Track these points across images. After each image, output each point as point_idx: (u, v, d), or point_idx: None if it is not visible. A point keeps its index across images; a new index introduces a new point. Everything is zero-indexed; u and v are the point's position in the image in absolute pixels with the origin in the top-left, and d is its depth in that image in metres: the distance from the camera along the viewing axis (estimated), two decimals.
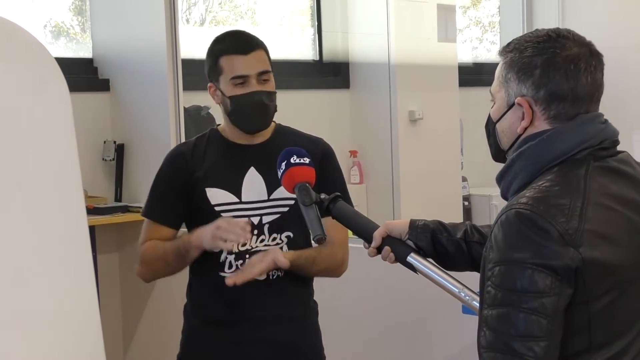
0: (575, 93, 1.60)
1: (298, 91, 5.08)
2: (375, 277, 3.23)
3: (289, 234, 2.42)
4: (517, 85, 1.63)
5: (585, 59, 1.61)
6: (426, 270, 1.88)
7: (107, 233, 4.06)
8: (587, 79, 1.60)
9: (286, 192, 2.37)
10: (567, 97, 1.60)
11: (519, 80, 1.62)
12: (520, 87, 1.62)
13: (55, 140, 1.97)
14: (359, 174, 5.14)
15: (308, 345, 2.50)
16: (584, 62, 1.61)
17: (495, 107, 1.70)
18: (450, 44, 5.33)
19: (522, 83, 1.62)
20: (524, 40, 1.64)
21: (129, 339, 4.27)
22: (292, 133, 2.54)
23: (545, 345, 1.49)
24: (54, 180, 1.95)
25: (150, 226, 2.47)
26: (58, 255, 1.93)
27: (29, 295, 1.85)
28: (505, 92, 1.65)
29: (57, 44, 4.45)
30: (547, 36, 1.63)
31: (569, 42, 1.62)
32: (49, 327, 1.87)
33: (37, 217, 1.89)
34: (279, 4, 5.25)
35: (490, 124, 1.73)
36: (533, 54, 1.61)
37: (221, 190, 2.40)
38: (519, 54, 1.63)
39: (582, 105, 1.61)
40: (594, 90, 1.62)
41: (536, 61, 1.61)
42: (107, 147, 4.21)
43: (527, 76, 1.61)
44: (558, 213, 1.52)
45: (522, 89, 1.62)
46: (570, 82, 1.60)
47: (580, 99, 1.61)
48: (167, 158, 2.51)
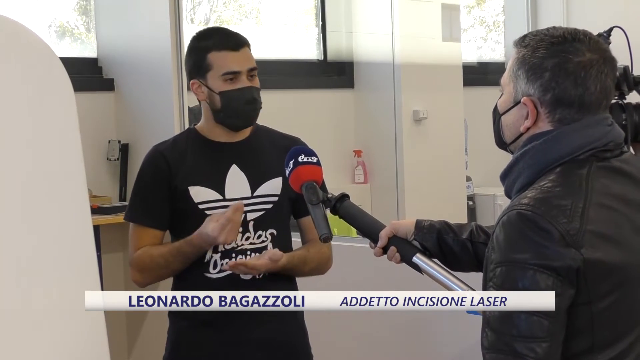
0: (583, 100, 1.59)
1: (302, 91, 5.08)
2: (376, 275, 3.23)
3: (273, 231, 2.42)
4: (525, 83, 1.62)
5: (598, 66, 1.59)
6: (431, 271, 1.88)
7: (111, 232, 4.07)
8: (596, 86, 1.59)
9: (270, 189, 2.40)
10: (573, 104, 1.59)
11: (528, 80, 1.62)
12: (528, 86, 1.62)
13: (59, 140, 1.97)
14: (363, 174, 5.14)
15: (296, 344, 2.49)
16: (596, 70, 1.59)
17: (503, 99, 1.70)
18: (455, 44, 5.32)
19: (531, 83, 1.61)
20: (539, 38, 1.62)
21: (134, 338, 4.27)
22: (271, 132, 2.54)
23: (547, 346, 1.49)
24: (58, 180, 1.95)
25: (138, 231, 2.44)
26: (62, 255, 1.93)
27: (34, 294, 1.85)
28: (514, 87, 1.65)
29: (61, 43, 4.45)
30: (562, 37, 1.61)
31: (583, 47, 1.59)
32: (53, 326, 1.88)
33: (41, 216, 1.90)
34: (283, 4, 5.25)
35: (496, 113, 1.73)
36: (545, 55, 1.60)
37: (204, 188, 2.39)
38: (531, 52, 1.61)
39: (589, 112, 1.60)
40: (602, 98, 1.61)
41: (547, 64, 1.59)
42: (112, 147, 4.21)
43: (536, 77, 1.60)
44: (560, 214, 1.52)
45: (530, 88, 1.62)
46: (578, 89, 1.58)
47: (587, 107, 1.60)
48: (146, 159, 2.48)
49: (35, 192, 1.89)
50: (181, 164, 2.42)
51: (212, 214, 2.36)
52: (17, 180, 1.86)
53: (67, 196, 1.97)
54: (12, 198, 1.84)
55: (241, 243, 2.39)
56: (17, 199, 1.85)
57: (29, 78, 1.91)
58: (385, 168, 5.07)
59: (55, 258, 1.91)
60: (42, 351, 1.86)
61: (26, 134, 1.90)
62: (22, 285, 1.83)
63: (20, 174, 1.87)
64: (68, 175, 1.98)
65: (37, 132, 1.92)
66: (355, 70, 5.21)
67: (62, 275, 1.91)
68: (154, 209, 2.43)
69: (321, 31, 5.18)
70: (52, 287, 1.88)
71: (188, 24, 4.61)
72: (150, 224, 2.43)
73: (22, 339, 1.82)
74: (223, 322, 2.38)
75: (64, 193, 1.96)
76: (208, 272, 2.38)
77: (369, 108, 5.17)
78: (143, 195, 2.45)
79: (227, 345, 2.39)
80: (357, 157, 5.16)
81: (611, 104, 1.73)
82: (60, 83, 1.97)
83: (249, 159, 2.43)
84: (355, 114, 5.22)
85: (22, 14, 4.15)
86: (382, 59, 5.02)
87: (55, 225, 1.92)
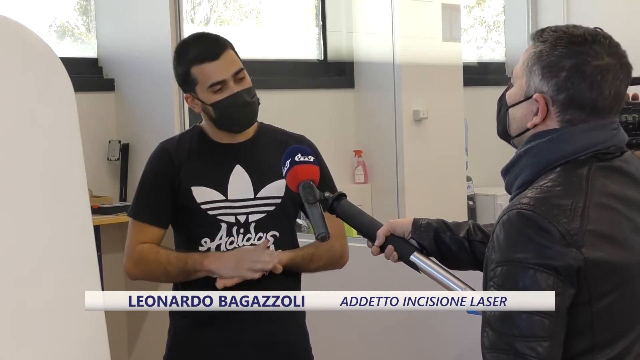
0: (595, 105, 1.58)
1: (303, 91, 5.08)
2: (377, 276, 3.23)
3: (275, 234, 2.41)
4: (539, 80, 1.60)
5: (614, 72, 1.58)
6: (429, 270, 1.88)
7: (112, 233, 4.07)
8: (610, 92, 1.57)
9: (273, 191, 2.38)
10: (585, 107, 1.58)
11: (543, 76, 1.59)
12: (542, 83, 1.60)
13: (60, 140, 1.97)
14: (363, 174, 5.14)
15: (296, 344, 2.49)
16: (612, 75, 1.57)
17: (513, 90, 1.67)
18: (455, 44, 5.32)
19: (545, 80, 1.59)
20: (559, 35, 1.60)
21: (134, 338, 4.27)
22: (275, 131, 2.52)
23: (548, 346, 1.49)
24: (59, 180, 1.95)
25: (139, 227, 2.44)
26: (63, 255, 1.93)
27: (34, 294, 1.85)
28: (526, 82, 1.63)
29: (62, 43, 4.45)
30: (582, 37, 1.58)
31: (603, 51, 1.57)
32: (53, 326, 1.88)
33: (42, 216, 1.90)
34: (283, 4, 5.25)
35: (503, 103, 1.71)
36: (563, 54, 1.58)
37: (207, 188, 2.38)
38: (549, 48, 1.59)
39: (600, 117, 1.59)
40: (614, 103, 1.60)
41: (564, 63, 1.57)
42: (112, 147, 4.21)
43: (552, 75, 1.58)
44: (560, 214, 1.52)
45: (544, 86, 1.59)
46: (593, 93, 1.57)
47: (599, 111, 1.59)
48: (152, 156, 2.47)
49: (35, 192, 1.89)
50: (185, 162, 2.41)
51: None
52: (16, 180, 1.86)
53: (67, 196, 1.97)
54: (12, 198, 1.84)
55: (242, 244, 2.38)
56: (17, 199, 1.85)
57: (29, 78, 1.91)
58: (385, 168, 5.07)
59: (55, 258, 1.91)
60: (42, 351, 1.86)
61: (26, 134, 1.90)
62: (22, 285, 1.83)
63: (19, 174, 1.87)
64: (68, 175, 1.98)
65: (37, 132, 1.92)
66: (356, 70, 5.21)
67: (62, 275, 1.91)
68: (157, 208, 2.43)
69: (321, 31, 5.18)
70: (52, 287, 1.88)
71: (188, 24, 4.60)
72: (151, 221, 2.43)
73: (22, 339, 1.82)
74: (223, 323, 2.37)
75: (64, 193, 1.96)
76: None
77: (369, 108, 5.17)
78: (146, 193, 2.45)
79: (228, 346, 2.39)
80: (357, 157, 5.16)
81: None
82: (61, 83, 1.97)
83: (253, 160, 2.42)
84: (356, 114, 5.22)
85: (22, 14, 4.15)
86: (382, 59, 5.02)
87: (56, 226, 1.92)
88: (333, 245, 2.46)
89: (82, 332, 1.94)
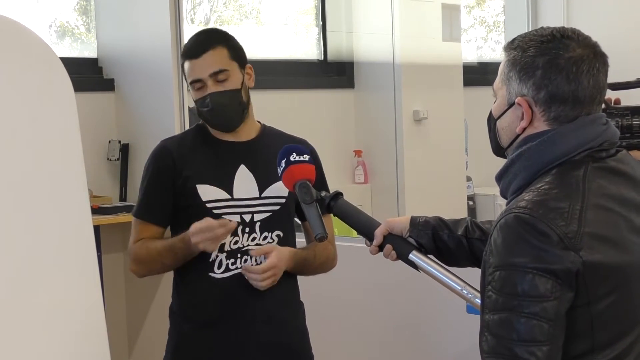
0: (576, 95, 1.59)
1: (303, 91, 5.08)
2: (377, 275, 3.23)
3: (279, 233, 2.41)
4: (518, 84, 1.62)
5: (589, 61, 1.59)
6: (428, 268, 1.88)
7: (112, 233, 4.07)
8: (589, 81, 1.59)
9: (278, 191, 2.37)
10: (567, 100, 1.59)
11: (520, 80, 1.61)
12: (521, 86, 1.61)
13: (60, 140, 1.97)
14: (363, 174, 5.14)
15: (297, 345, 2.49)
16: (587, 64, 1.59)
17: (497, 104, 1.70)
18: (455, 44, 5.33)
19: (523, 83, 1.61)
20: (528, 38, 1.63)
21: (134, 338, 4.28)
22: (278, 134, 2.51)
23: (548, 350, 1.49)
24: (58, 180, 1.95)
25: (140, 225, 2.44)
26: (63, 255, 1.93)
27: (34, 294, 1.85)
28: (507, 90, 1.65)
29: (62, 43, 4.46)
30: (551, 36, 1.61)
31: (573, 43, 1.60)
32: (54, 326, 1.88)
33: (41, 216, 1.90)
34: (283, 4, 5.25)
35: (491, 120, 1.72)
36: (535, 54, 1.60)
37: (212, 186, 2.38)
38: (521, 52, 1.62)
39: (583, 108, 1.60)
40: (595, 92, 1.61)
41: (538, 62, 1.59)
42: (112, 147, 4.21)
43: (529, 76, 1.60)
44: (557, 217, 1.51)
45: (523, 88, 1.61)
46: (571, 84, 1.58)
47: (581, 102, 1.60)
48: (152, 155, 2.46)
49: (35, 192, 1.89)
50: (188, 160, 2.41)
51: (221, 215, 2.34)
52: (16, 180, 1.86)
53: (67, 196, 1.97)
54: (13, 198, 1.84)
55: (247, 243, 2.38)
56: (18, 199, 1.85)
57: (29, 78, 1.91)
58: (385, 168, 5.08)
59: (55, 258, 1.91)
60: (43, 351, 1.86)
61: (26, 134, 1.90)
62: (22, 285, 1.83)
63: (20, 174, 1.87)
64: (68, 175, 1.98)
65: (38, 132, 1.92)
66: (356, 70, 5.21)
67: (62, 275, 1.92)
68: (158, 206, 2.42)
69: (321, 31, 5.19)
70: (52, 287, 1.89)
71: (188, 24, 4.61)
72: (151, 219, 2.43)
73: (23, 338, 1.82)
74: (224, 324, 2.37)
75: (64, 193, 1.96)
76: (212, 272, 2.37)
77: (369, 108, 5.17)
78: (146, 191, 2.45)
79: (228, 347, 2.38)
80: (357, 157, 5.16)
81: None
82: (61, 83, 1.97)
83: (258, 160, 2.41)
84: (356, 114, 5.23)
85: (22, 14, 4.15)
86: (382, 59, 5.03)
87: (56, 226, 1.93)
88: (327, 246, 2.48)
89: (81, 332, 1.94)
